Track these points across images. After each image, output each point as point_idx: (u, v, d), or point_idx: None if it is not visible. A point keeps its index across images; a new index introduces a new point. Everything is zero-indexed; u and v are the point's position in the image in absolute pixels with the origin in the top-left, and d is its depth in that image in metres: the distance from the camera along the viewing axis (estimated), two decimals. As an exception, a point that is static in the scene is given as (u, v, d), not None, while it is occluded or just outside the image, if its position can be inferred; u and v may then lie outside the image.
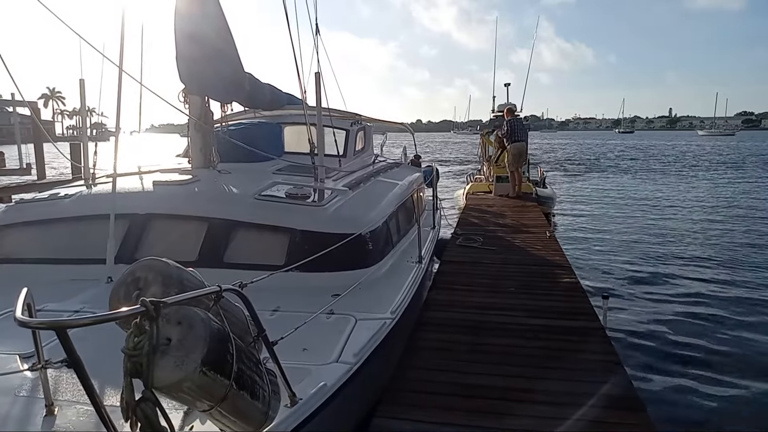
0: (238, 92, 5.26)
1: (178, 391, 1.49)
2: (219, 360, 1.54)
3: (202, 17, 4.76)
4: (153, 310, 1.42)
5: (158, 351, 1.44)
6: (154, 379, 1.43)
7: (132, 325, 1.44)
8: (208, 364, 1.49)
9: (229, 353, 1.59)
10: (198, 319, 1.55)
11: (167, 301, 1.48)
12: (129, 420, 1.42)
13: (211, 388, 1.53)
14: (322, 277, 3.67)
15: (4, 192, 12.55)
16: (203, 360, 1.48)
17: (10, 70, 3.49)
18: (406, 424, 2.78)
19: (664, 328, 6.30)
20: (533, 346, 3.78)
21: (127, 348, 1.43)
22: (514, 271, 5.83)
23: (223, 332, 1.61)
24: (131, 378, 1.42)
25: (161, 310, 1.45)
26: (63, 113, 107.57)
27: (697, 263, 9.44)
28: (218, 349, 1.55)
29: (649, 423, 2.80)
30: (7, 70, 3.45)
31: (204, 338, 1.51)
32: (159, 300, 1.44)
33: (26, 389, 2.22)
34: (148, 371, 1.42)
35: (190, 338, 1.50)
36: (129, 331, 1.44)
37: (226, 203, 4.19)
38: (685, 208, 16.02)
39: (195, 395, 1.52)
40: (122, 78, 3.55)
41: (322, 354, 2.69)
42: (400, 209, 5.41)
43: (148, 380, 1.42)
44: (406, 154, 9.84)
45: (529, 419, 2.82)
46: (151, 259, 1.90)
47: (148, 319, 1.43)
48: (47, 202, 4.43)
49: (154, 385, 1.43)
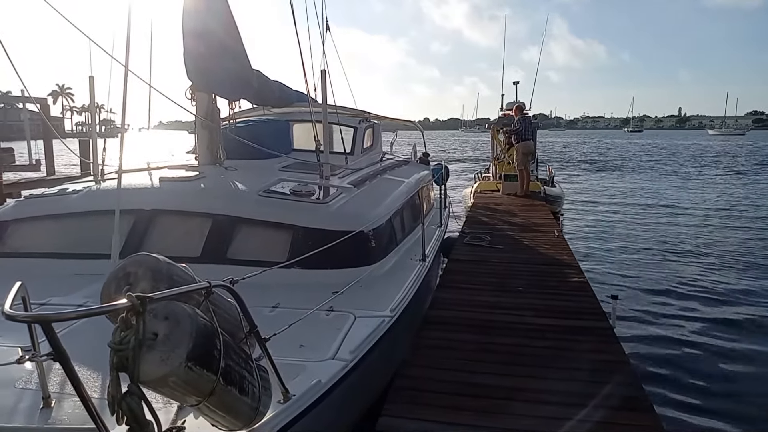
0: (245, 89, 5.26)
1: (164, 385, 1.51)
2: (205, 355, 1.56)
3: (210, 14, 4.77)
4: (139, 305, 1.43)
5: (144, 346, 1.46)
6: (139, 374, 1.45)
7: (119, 320, 1.45)
8: (194, 360, 1.51)
9: (216, 349, 1.61)
10: (185, 314, 1.56)
11: (153, 296, 1.49)
12: (114, 413, 1.44)
13: (198, 383, 1.55)
14: (324, 274, 3.67)
15: (13, 188, 12.64)
16: (188, 355, 1.49)
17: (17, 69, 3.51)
18: (412, 423, 2.76)
19: (674, 328, 6.26)
20: (541, 346, 3.75)
21: (113, 342, 1.45)
22: (521, 270, 5.79)
23: (210, 328, 1.63)
24: (117, 372, 1.44)
25: (147, 305, 1.46)
26: (72, 110, 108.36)
27: (709, 263, 9.37)
28: (204, 345, 1.57)
29: (657, 424, 2.77)
30: (14, 68, 3.47)
31: (190, 334, 1.53)
32: (145, 295, 1.45)
33: (24, 382, 2.24)
34: (133, 365, 1.44)
35: (177, 333, 1.51)
36: (116, 326, 1.46)
37: (230, 200, 4.20)
38: (696, 208, 15.89)
39: (182, 390, 1.54)
40: (128, 76, 3.55)
41: (319, 351, 2.70)
42: (405, 207, 5.40)
43: (134, 374, 1.44)
44: (416, 151, 9.83)
45: (536, 419, 2.79)
46: (142, 255, 1.91)
47: (134, 313, 1.44)
48: (55, 197, 4.46)
49: (140, 380, 1.45)
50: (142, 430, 1.47)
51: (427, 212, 7.03)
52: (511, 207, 10.32)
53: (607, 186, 22.38)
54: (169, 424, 1.85)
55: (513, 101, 14.93)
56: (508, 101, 15.85)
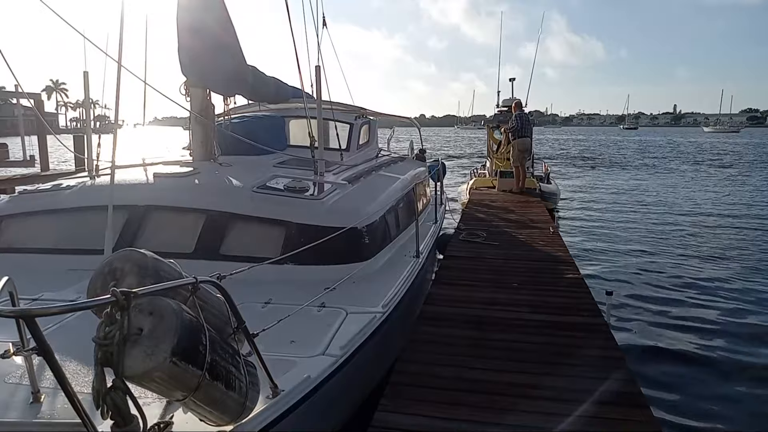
0: (240, 85, 5.24)
1: (149, 380, 1.51)
2: (190, 350, 1.57)
3: (204, 9, 4.75)
4: (123, 300, 1.43)
5: (129, 341, 1.47)
6: (124, 369, 1.45)
7: (103, 315, 1.46)
8: (178, 355, 1.52)
9: (202, 344, 1.62)
10: (170, 310, 1.57)
11: (136, 291, 1.49)
12: (99, 408, 1.44)
13: (183, 378, 1.56)
14: (317, 270, 3.67)
15: (7, 183, 12.55)
16: (173, 350, 1.50)
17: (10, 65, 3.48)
18: (408, 418, 2.77)
19: (668, 324, 6.28)
20: (536, 342, 3.76)
21: (97, 337, 1.45)
22: (517, 266, 5.81)
23: (196, 323, 1.64)
24: (102, 367, 1.45)
25: (132, 301, 1.46)
26: (66, 105, 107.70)
27: (703, 259, 9.41)
28: (189, 340, 1.57)
29: (652, 419, 2.79)
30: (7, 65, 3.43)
31: (175, 329, 1.54)
32: (128, 290, 1.46)
33: (15, 377, 2.24)
34: (118, 360, 1.44)
35: (161, 329, 1.52)
36: (100, 321, 1.46)
37: (224, 196, 4.20)
38: (691, 205, 15.94)
39: (167, 385, 1.55)
40: (121, 72, 3.54)
41: (309, 346, 2.70)
42: (400, 203, 5.40)
43: (118, 369, 1.45)
44: (413, 148, 9.83)
45: (532, 415, 2.80)
46: (129, 250, 1.91)
47: (119, 309, 1.44)
48: (49, 193, 4.45)
49: (125, 374, 1.46)
50: (127, 425, 1.47)
51: (422, 209, 7.04)
52: (507, 204, 10.34)
53: (602, 183, 22.43)
54: (158, 419, 1.86)
55: (510, 98, 14.90)
56: (504, 98, 15.85)
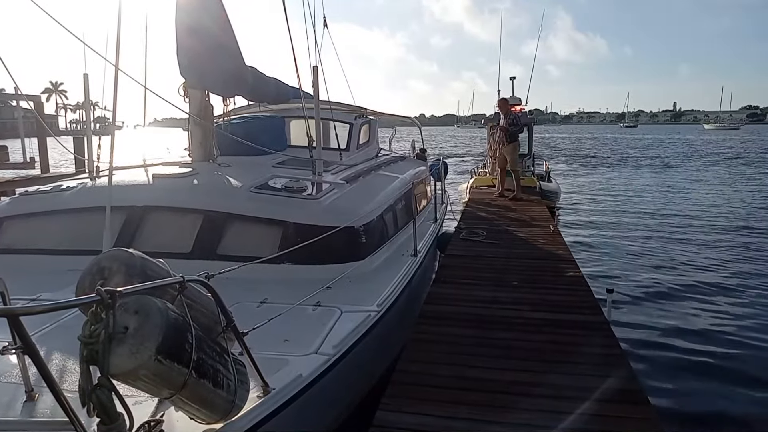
0: (239, 86, 5.24)
1: (135, 378, 1.53)
2: (175, 349, 1.58)
3: (203, 10, 4.75)
4: (108, 299, 1.44)
5: (114, 339, 1.48)
6: (109, 367, 1.46)
7: (89, 314, 1.47)
8: (164, 353, 1.53)
9: (188, 342, 1.63)
10: (155, 308, 1.58)
11: (121, 290, 1.50)
12: (85, 406, 1.45)
13: (169, 376, 1.57)
14: (314, 269, 3.68)
15: (8, 186, 12.55)
16: (158, 348, 1.51)
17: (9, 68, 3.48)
18: (409, 417, 2.77)
19: (669, 322, 6.28)
20: (537, 340, 3.76)
21: (83, 336, 1.46)
22: (517, 265, 5.80)
23: (182, 322, 1.65)
24: (88, 365, 1.46)
25: (118, 299, 1.47)
26: (66, 107, 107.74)
27: (704, 257, 9.40)
28: (175, 338, 1.58)
29: (652, 416, 2.79)
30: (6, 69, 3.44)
31: (160, 327, 1.55)
32: (113, 289, 1.47)
33: (9, 376, 2.24)
34: (103, 359, 1.45)
35: (146, 327, 1.53)
36: (86, 319, 1.47)
37: (221, 196, 4.21)
38: (692, 203, 15.95)
39: (153, 383, 1.56)
40: (119, 74, 3.54)
41: (303, 345, 2.70)
42: (398, 203, 5.40)
43: (104, 367, 1.46)
44: (414, 147, 9.83)
45: (532, 413, 2.80)
46: (117, 250, 1.93)
47: (104, 307, 1.45)
48: (49, 194, 4.46)
49: (110, 373, 1.47)
50: (113, 423, 1.48)
51: (423, 208, 7.03)
52: (507, 202, 10.32)
53: (602, 181, 22.42)
54: (148, 417, 1.86)
55: (511, 96, 14.84)
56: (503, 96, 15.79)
